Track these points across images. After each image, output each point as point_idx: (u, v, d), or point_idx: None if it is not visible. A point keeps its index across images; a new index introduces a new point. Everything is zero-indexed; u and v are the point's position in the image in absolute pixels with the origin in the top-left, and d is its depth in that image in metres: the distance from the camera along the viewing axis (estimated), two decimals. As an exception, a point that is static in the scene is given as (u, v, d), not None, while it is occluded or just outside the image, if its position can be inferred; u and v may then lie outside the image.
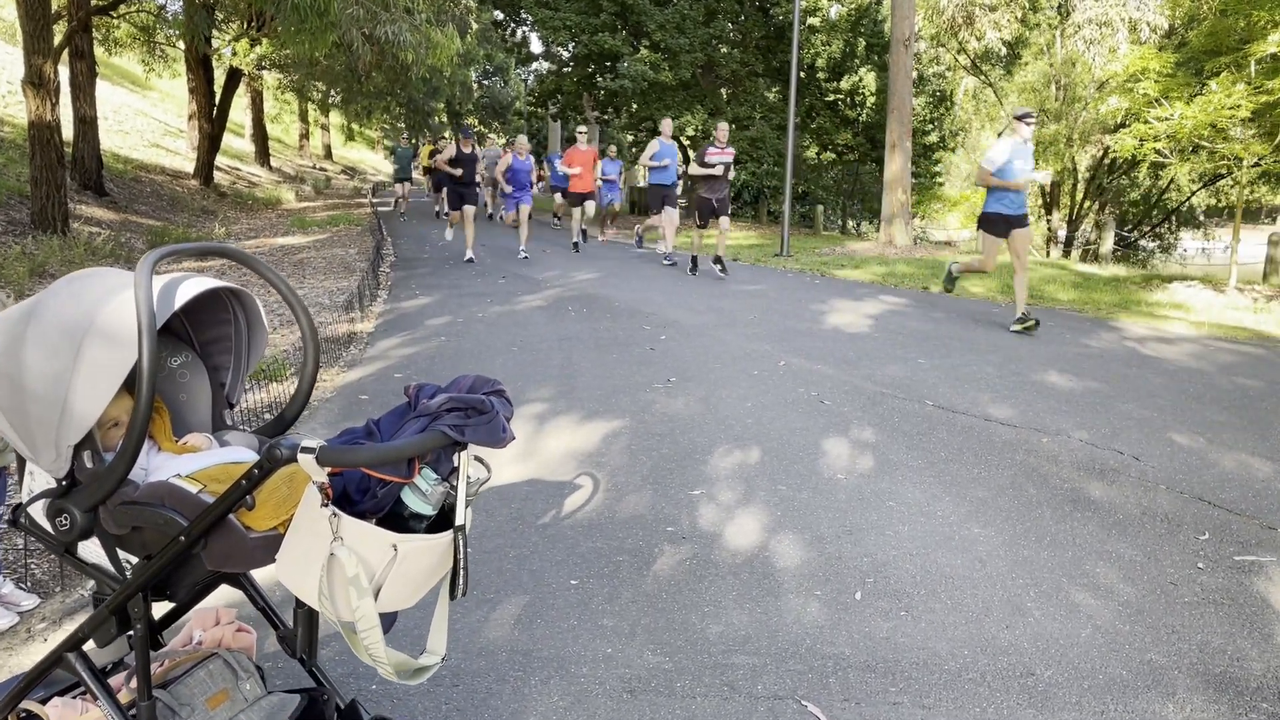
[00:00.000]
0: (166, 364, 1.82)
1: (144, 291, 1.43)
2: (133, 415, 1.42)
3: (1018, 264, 8.24)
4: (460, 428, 1.45)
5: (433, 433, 1.44)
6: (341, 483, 1.50)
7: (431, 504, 1.51)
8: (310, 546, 1.43)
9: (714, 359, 6.57)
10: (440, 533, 1.52)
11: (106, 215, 13.11)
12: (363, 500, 1.49)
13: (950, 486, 4.10)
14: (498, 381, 1.66)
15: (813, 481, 4.13)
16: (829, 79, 22.96)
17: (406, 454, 1.41)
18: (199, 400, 1.86)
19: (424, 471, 1.50)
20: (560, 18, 21.18)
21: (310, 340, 1.83)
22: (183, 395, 1.85)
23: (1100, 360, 6.81)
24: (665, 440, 4.70)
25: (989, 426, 5.01)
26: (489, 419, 1.47)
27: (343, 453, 1.38)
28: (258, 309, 1.86)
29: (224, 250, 1.81)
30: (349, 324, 7.69)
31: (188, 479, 1.57)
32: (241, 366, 1.88)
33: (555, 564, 3.27)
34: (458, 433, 1.45)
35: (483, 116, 59.28)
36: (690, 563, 3.29)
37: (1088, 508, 3.89)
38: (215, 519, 1.46)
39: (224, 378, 1.91)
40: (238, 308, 1.87)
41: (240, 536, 1.49)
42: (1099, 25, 19.65)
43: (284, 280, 1.77)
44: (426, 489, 1.50)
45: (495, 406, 1.50)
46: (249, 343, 1.89)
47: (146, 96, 30.80)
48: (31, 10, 9.95)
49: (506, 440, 1.51)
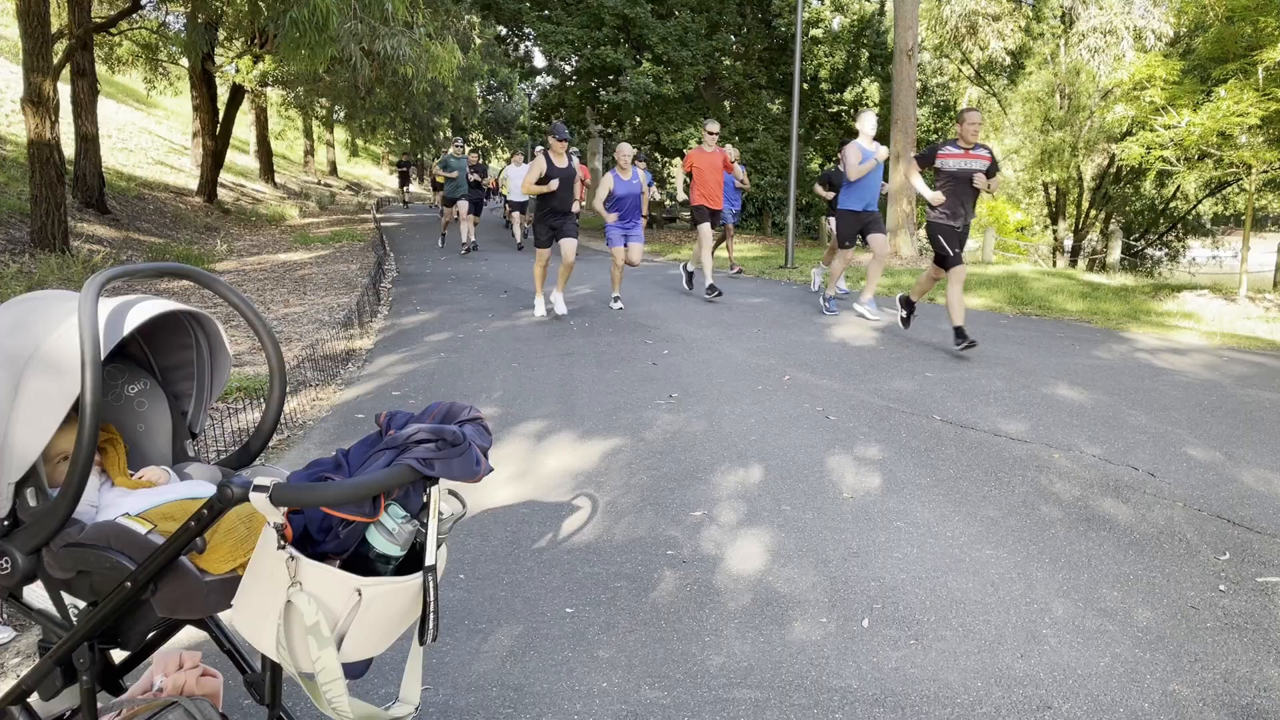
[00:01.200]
0: (123, 392, 1.71)
1: (88, 317, 1.32)
2: (75, 451, 1.31)
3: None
4: (430, 461, 1.34)
5: (399, 467, 1.33)
6: (302, 521, 1.38)
7: (399, 544, 1.40)
8: (267, 592, 1.32)
9: (717, 374, 6.46)
10: (410, 574, 1.40)
11: (108, 233, 13.07)
12: (325, 541, 1.38)
13: (960, 505, 3.97)
14: (474, 408, 1.55)
15: (817, 501, 4.01)
16: (832, 90, 22.91)
17: (369, 491, 1.30)
18: (158, 430, 1.75)
19: (390, 509, 1.39)
20: (562, 31, 21.17)
21: (276, 367, 1.72)
22: (140, 425, 1.74)
23: (1111, 372, 6.67)
24: (666, 459, 4.58)
25: (999, 442, 4.88)
26: (461, 451, 1.36)
27: (299, 491, 1.26)
28: (219, 333, 1.75)
29: (182, 270, 1.70)
30: (347, 341, 7.59)
31: (137, 518, 1.45)
32: (204, 394, 1.77)
33: (550, 591, 3.15)
34: (427, 467, 1.34)
35: (487, 131, 59.44)
36: (690, 588, 3.17)
37: (1103, 527, 3.76)
38: (164, 563, 1.35)
39: (186, 406, 1.80)
40: (199, 332, 1.76)
41: (194, 581, 1.38)
42: (1103, 34, 19.55)
43: (248, 303, 1.66)
44: (393, 528, 1.39)
45: (468, 438, 1.38)
46: (212, 369, 1.77)
47: (152, 114, 30.89)
48: (31, 29, 9.93)
49: (481, 474, 1.40)
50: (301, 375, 6.28)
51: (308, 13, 8.23)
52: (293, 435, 5.11)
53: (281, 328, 8.26)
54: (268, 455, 4.72)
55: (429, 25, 12.61)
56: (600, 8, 20.70)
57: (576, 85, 24.40)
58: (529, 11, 22.28)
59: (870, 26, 22.89)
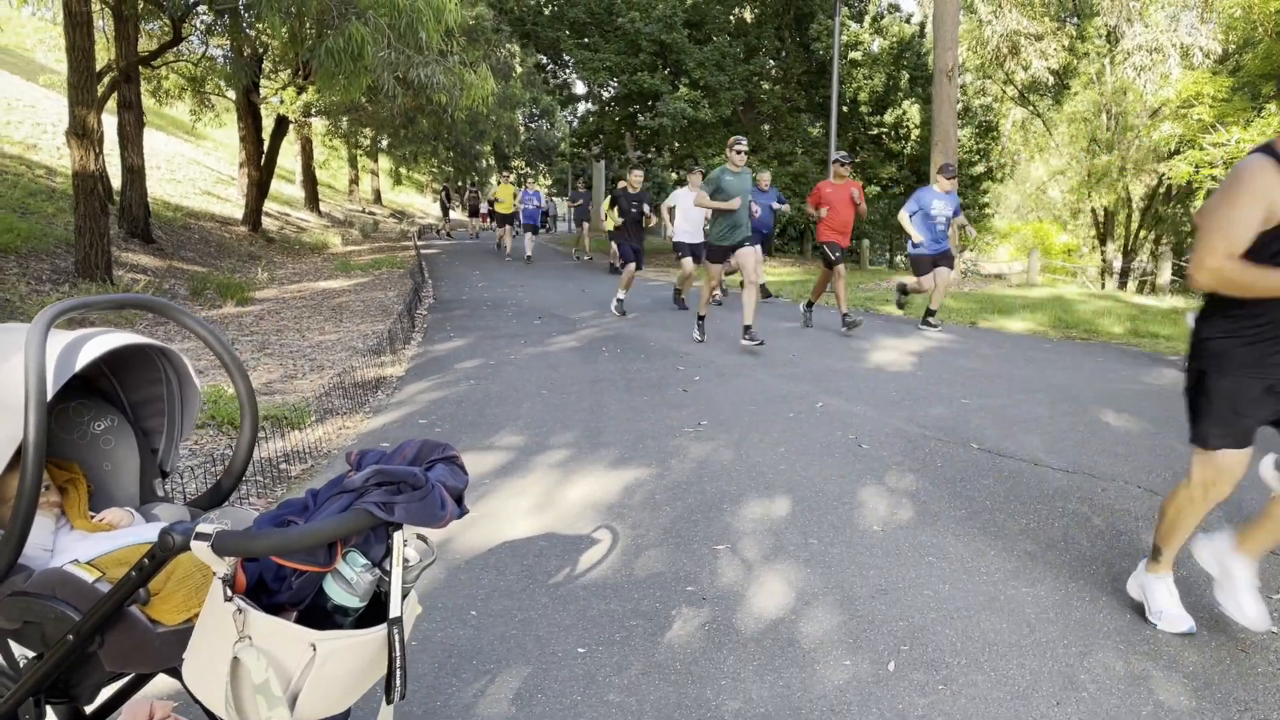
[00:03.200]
0: (89, 429, 1.65)
1: (35, 352, 1.25)
2: (18, 494, 1.24)
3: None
4: (389, 505, 1.25)
5: (354, 512, 1.24)
6: (258, 569, 1.30)
7: (358, 595, 1.30)
8: (215, 646, 1.24)
9: (748, 401, 6.33)
10: (372, 627, 1.31)
11: (152, 262, 13.30)
12: (280, 591, 1.29)
13: (996, 539, 3.79)
14: (448, 446, 1.45)
15: (846, 534, 3.86)
16: (872, 112, 22.70)
17: (320, 539, 1.21)
18: (125, 469, 1.68)
19: (349, 556, 1.30)
20: (600, 58, 21.26)
21: (247, 403, 1.63)
22: (107, 464, 1.66)
23: (1160, 398, 6.43)
24: (691, 489, 4.46)
25: (1039, 472, 4.69)
26: (423, 495, 1.26)
27: (242, 540, 1.18)
28: (187, 368, 1.68)
29: (144, 302, 1.63)
30: (378, 368, 7.58)
31: (86, 565, 1.38)
32: (175, 430, 1.70)
33: (563, 629, 3.03)
34: (385, 510, 1.24)
35: (529, 159, 60.03)
36: (709, 628, 3.04)
37: (1148, 563, 3.56)
38: (109, 613, 1.27)
39: (156, 443, 1.72)
40: (168, 366, 1.69)
41: (144, 632, 1.30)
42: (1149, 51, 19.19)
43: (216, 334, 1.59)
44: (352, 577, 1.29)
45: (430, 480, 1.29)
46: (182, 404, 1.70)
47: (200, 145, 31.62)
48: (76, 62, 10.15)
49: (447, 519, 1.30)
50: (330, 403, 6.26)
51: (343, 42, 8.31)
52: (317, 464, 5.07)
53: (315, 355, 8.29)
54: (284, 484, 4.68)
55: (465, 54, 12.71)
56: (638, 34, 20.78)
57: (615, 111, 24.49)
58: (567, 39, 22.44)
59: (910, 48, 22.69)
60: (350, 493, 1.27)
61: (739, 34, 22.80)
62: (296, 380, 7.24)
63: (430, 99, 10.31)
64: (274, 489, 4.60)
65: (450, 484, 1.38)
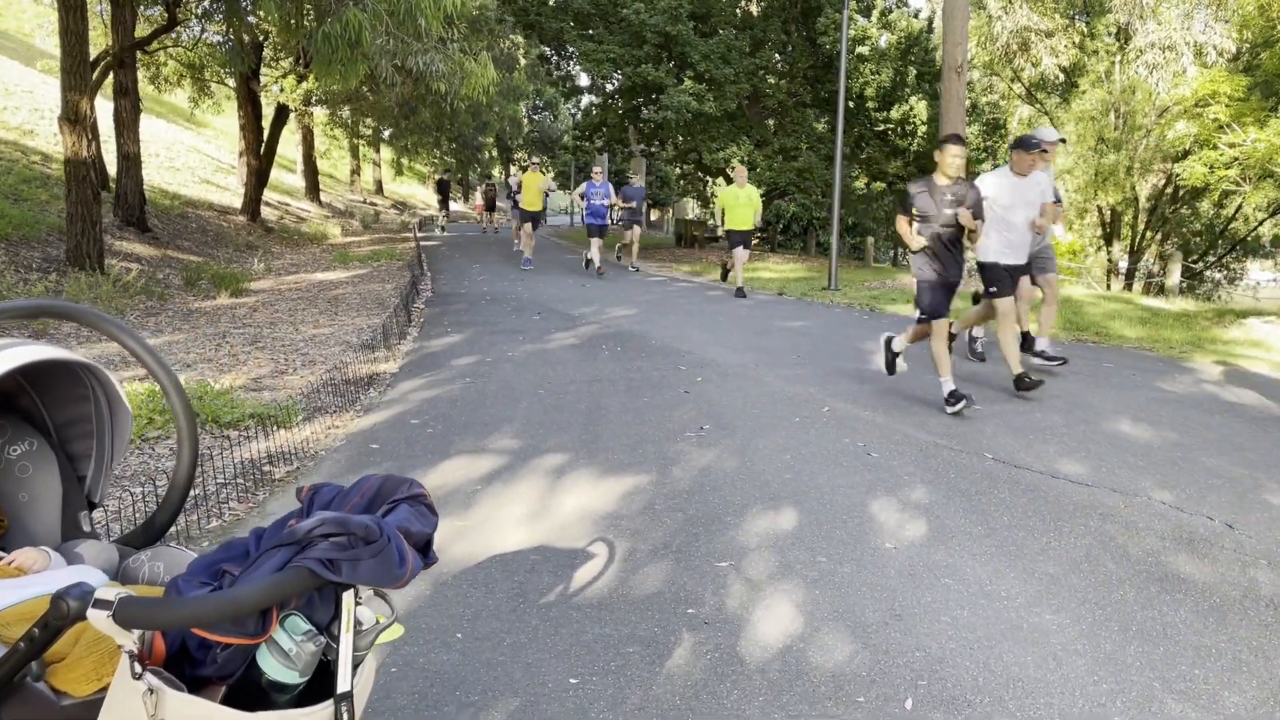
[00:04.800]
0: (3, 454, 1.43)
1: None
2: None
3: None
4: (334, 562, 1.04)
5: (292, 571, 1.03)
6: (180, 634, 1.08)
7: (298, 668, 1.09)
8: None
9: (752, 403, 6.11)
10: (316, 705, 1.09)
11: (147, 251, 13.07)
12: (204, 661, 1.08)
13: (1015, 559, 3.58)
14: (415, 484, 1.24)
15: (857, 552, 3.65)
16: (878, 108, 22.45)
17: (250, 605, 1.00)
18: (45, 501, 1.46)
19: (288, 622, 1.08)
20: (604, 50, 20.99)
21: (185, 428, 1.41)
22: (23, 494, 1.45)
23: (1177, 406, 6.21)
24: (693, 499, 4.25)
25: (1057, 485, 4.48)
26: (377, 549, 1.05)
27: (151, 611, 0.97)
28: (116, 388, 1.46)
29: (63, 310, 1.41)
30: (371, 364, 7.37)
31: (-20, 624, 1.16)
32: (105, 454, 1.48)
33: (555, 655, 2.82)
34: (329, 569, 1.03)
35: (532, 150, 59.77)
36: (711, 656, 2.83)
37: (1178, 588, 3.35)
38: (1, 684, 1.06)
39: (84, 469, 1.50)
40: (95, 384, 1.47)
41: (47, 705, 1.09)
42: (1162, 49, 18.91)
43: (150, 349, 1.36)
44: (291, 647, 1.08)
45: (387, 532, 1.07)
46: (112, 425, 1.48)
47: (201, 133, 31.36)
48: (69, 47, 9.92)
49: (407, 577, 1.09)
50: (320, 401, 6.05)
51: (339, 28, 8.07)
52: (303, 466, 4.86)
53: (307, 349, 8.07)
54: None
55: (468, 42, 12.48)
56: (642, 26, 20.51)
57: (618, 104, 24.24)
58: (571, 30, 22.17)
59: (918, 43, 22.43)
60: (291, 545, 1.06)
61: (745, 27, 22.52)
62: (287, 376, 7.03)
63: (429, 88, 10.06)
64: (256, 493, 4.39)
65: (415, 529, 1.17)
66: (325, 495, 1.25)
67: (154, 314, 9.69)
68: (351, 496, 1.23)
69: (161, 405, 5.35)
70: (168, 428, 5.20)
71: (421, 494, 1.23)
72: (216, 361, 7.40)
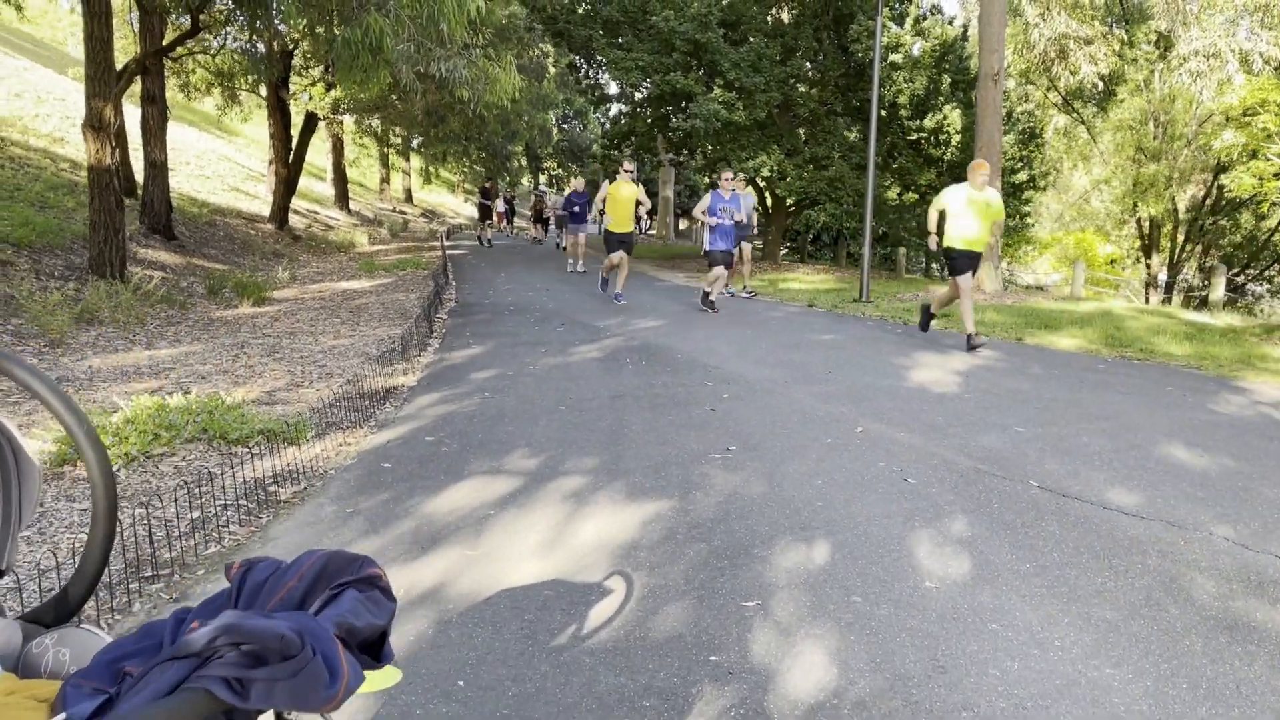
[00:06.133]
0: (-114, 515, 1.21)
1: None
2: None
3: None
4: (244, 683, 0.80)
5: (189, 694, 0.79)
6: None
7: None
8: None
9: (781, 423, 5.85)
10: None
11: (171, 259, 13.02)
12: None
13: (1069, 603, 3.29)
14: (367, 562, 1.00)
15: (894, 591, 3.37)
16: (911, 117, 22.07)
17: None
18: (-64, 571, 1.24)
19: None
20: (632, 58, 20.80)
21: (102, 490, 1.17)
22: (-89, 564, 1.23)
23: (1233, 430, 5.87)
24: (718, 528, 3.99)
25: (1110, 517, 4.17)
26: (297, 667, 0.81)
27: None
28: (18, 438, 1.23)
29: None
30: (388, 377, 7.17)
31: None
32: (12, 517, 1.25)
33: (564, 709, 2.58)
34: (237, 693, 0.79)
35: (562, 159, 59.79)
36: (735, 712, 2.57)
37: (1249, 638, 3.05)
38: None
39: (-13, 532, 1.28)
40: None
41: None
42: (1206, 57, 18.42)
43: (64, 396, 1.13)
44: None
45: (309, 642, 0.83)
46: (19, 481, 1.25)
47: (232, 141, 31.58)
48: (94, 53, 9.86)
49: (339, 697, 0.85)
50: (333, 416, 5.85)
51: (360, 34, 7.91)
52: (310, 486, 4.65)
53: (325, 361, 7.90)
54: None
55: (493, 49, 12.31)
56: (671, 34, 20.30)
57: (647, 112, 24.03)
58: (599, 39, 22.01)
59: (952, 51, 22.03)
60: (190, 658, 0.82)
61: (776, 35, 22.24)
62: (303, 389, 6.85)
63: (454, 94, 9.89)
64: (260, 515, 4.19)
65: (362, 624, 0.93)
66: (259, 574, 1.01)
67: (175, 323, 9.58)
68: (288, 578, 0.99)
69: (169, 420, 5.18)
70: (173, 444, 5.02)
71: (375, 574, 0.99)
72: (232, 373, 7.24)
